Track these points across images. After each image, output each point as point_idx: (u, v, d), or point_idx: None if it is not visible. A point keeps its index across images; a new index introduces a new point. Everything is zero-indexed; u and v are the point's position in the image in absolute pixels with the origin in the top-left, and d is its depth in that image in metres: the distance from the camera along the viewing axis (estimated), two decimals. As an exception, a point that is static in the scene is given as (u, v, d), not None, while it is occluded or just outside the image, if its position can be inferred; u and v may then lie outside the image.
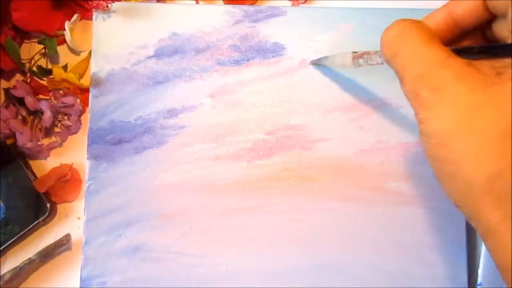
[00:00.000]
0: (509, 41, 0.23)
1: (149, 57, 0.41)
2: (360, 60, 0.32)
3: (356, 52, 0.33)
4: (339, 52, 0.37)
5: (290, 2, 0.43)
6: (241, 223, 0.39)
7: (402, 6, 0.41)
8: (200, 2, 0.43)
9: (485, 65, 0.22)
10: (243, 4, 0.42)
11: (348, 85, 0.40)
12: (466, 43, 0.27)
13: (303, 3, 0.43)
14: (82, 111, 0.42)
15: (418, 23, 0.25)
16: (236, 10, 0.41)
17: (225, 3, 0.42)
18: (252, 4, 0.42)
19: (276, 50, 0.41)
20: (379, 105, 0.40)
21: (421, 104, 0.22)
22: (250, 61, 0.41)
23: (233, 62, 0.41)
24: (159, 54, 0.41)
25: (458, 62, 0.22)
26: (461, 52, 0.23)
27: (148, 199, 0.39)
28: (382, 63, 0.29)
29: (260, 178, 0.39)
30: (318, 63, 0.40)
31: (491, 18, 0.24)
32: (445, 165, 0.21)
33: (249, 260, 0.38)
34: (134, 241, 0.39)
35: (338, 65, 0.38)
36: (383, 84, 0.40)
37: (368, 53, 0.32)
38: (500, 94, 0.20)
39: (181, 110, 0.40)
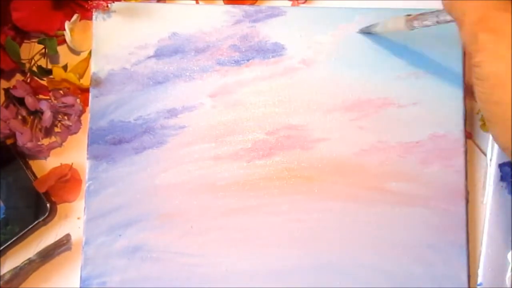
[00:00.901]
0: None
1: (149, 57, 0.41)
2: (415, 22, 0.33)
3: (410, 15, 0.33)
4: (390, 17, 0.37)
5: (290, 2, 0.43)
6: (241, 223, 0.39)
7: (402, 6, 0.41)
8: (200, 2, 0.43)
9: None
10: (243, 4, 0.42)
11: (348, 85, 0.40)
12: None
13: (303, 3, 0.43)
14: (82, 111, 0.41)
15: None
16: (236, 10, 0.41)
17: (225, 3, 0.42)
18: (252, 4, 0.42)
19: (276, 50, 0.41)
20: (379, 105, 0.40)
21: (478, 46, 0.23)
22: (250, 61, 0.41)
23: (233, 62, 0.41)
24: (159, 54, 0.41)
25: None
26: None
27: (148, 199, 0.39)
28: (437, 23, 0.30)
29: (260, 178, 0.39)
30: (367, 31, 0.40)
31: None
32: (497, 106, 0.22)
33: (249, 260, 0.38)
34: (134, 241, 0.39)
35: (390, 30, 0.38)
36: (383, 84, 0.40)
37: (423, 14, 0.32)
38: None
39: (181, 110, 0.40)
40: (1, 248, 0.39)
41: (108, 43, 0.41)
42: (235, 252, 0.39)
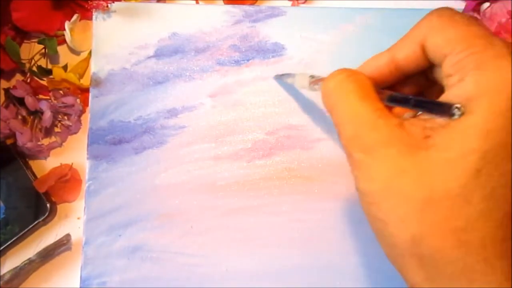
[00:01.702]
0: (445, 92, 0.22)
1: (149, 57, 0.41)
2: (316, 86, 0.32)
3: (313, 77, 0.33)
4: (300, 72, 0.36)
5: (290, 2, 0.43)
6: (241, 223, 0.39)
7: (402, 6, 0.41)
8: (200, 2, 0.43)
9: (417, 125, 0.21)
10: (243, 4, 0.42)
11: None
12: (408, 88, 0.27)
13: (303, 3, 0.43)
14: (82, 111, 0.42)
15: (355, 75, 0.24)
16: (236, 10, 0.41)
17: (225, 3, 0.42)
18: (252, 4, 0.42)
19: (276, 50, 0.41)
20: (379, 105, 0.40)
21: (353, 163, 0.23)
22: (250, 61, 0.41)
23: (233, 62, 0.41)
24: (159, 54, 0.41)
25: (389, 124, 0.22)
26: (398, 101, 0.23)
27: (148, 199, 0.39)
28: None
29: (260, 178, 0.39)
30: (281, 79, 0.40)
31: (430, 65, 0.24)
32: (375, 221, 0.22)
33: (249, 260, 0.38)
34: (134, 241, 0.39)
35: (297, 86, 0.37)
36: (383, 84, 0.40)
37: (323, 79, 0.31)
38: (424, 160, 0.20)
39: (181, 110, 0.40)
40: (1, 248, 0.39)
41: (108, 43, 0.41)
42: (235, 252, 0.38)
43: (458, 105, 0.20)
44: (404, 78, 0.26)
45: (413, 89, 0.27)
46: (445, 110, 0.21)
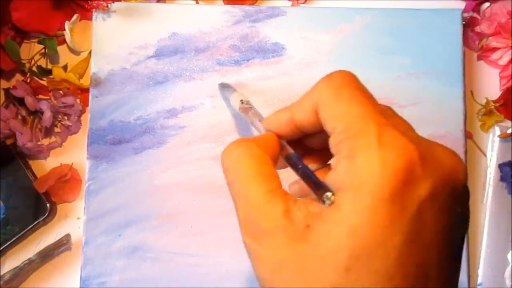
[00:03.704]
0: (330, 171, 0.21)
1: (149, 57, 0.41)
2: (243, 114, 0.32)
3: (242, 102, 0.33)
4: (238, 91, 0.36)
5: (290, 2, 0.43)
6: (241, 223, 0.39)
7: (402, 6, 0.41)
8: (200, 2, 0.43)
9: (302, 210, 0.21)
10: (243, 4, 0.42)
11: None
12: (311, 140, 0.26)
13: (303, 3, 0.43)
14: (82, 111, 0.42)
15: (251, 149, 0.23)
16: (236, 10, 0.41)
17: (225, 3, 0.42)
18: (252, 4, 0.42)
19: (276, 50, 0.41)
20: (379, 105, 0.40)
21: (245, 246, 0.23)
22: (250, 61, 0.41)
23: (233, 62, 0.41)
24: (159, 54, 0.41)
25: (275, 211, 0.21)
26: (290, 165, 0.23)
27: (147, 199, 0.39)
28: (262, 131, 0.28)
29: (260, 178, 0.39)
30: (221, 91, 0.39)
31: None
32: None
33: (249, 260, 0.38)
34: (133, 241, 0.39)
35: (232, 103, 0.36)
36: (383, 84, 0.40)
37: (251, 112, 0.31)
38: (301, 254, 0.20)
39: (181, 110, 0.40)
40: (1, 248, 0.39)
41: (108, 43, 0.41)
42: (235, 252, 0.38)
43: (328, 194, 0.20)
44: (304, 134, 0.25)
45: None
46: (320, 194, 0.20)
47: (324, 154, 0.26)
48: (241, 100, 0.33)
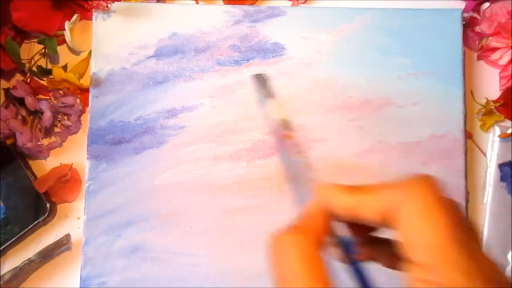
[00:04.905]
0: None
1: (149, 57, 0.41)
2: (280, 141, 0.32)
3: (283, 125, 0.34)
4: (276, 99, 0.37)
5: (290, 2, 0.43)
6: (241, 223, 0.39)
7: (402, 6, 0.41)
8: (200, 2, 0.43)
9: None
10: (243, 4, 0.42)
11: (348, 85, 0.40)
12: None
13: (303, 3, 0.43)
14: (82, 111, 0.42)
15: (302, 247, 0.23)
16: (236, 10, 0.41)
17: (225, 3, 0.42)
18: (252, 4, 0.42)
19: (276, 50, 0.41)
20: (379, 105, 0.40)
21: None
22: (250, 61, 0.41)
23: (233, 62, 0.41)
24: (159, 54, 0.41)
25: None
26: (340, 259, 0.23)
27: (148, 199, 0.39)
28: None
29: (260, 178, 0.39)
30: (255, 83, 0.39)
31: None
32: None
33: (249, 260, 0.38)
34: (133, 241, 0.39)
35: (267, 110, 0.36)
36: (383, 84, 0.40)
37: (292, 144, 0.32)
38: None
39: (181, 110, 0.40)
40: (1, 248, 0.39)
41: (108, 43, 0.41)
42: (235, 252, 0.38)
43: None
44: None
45: None
46: None
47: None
48: (283, 120, 0.32)
